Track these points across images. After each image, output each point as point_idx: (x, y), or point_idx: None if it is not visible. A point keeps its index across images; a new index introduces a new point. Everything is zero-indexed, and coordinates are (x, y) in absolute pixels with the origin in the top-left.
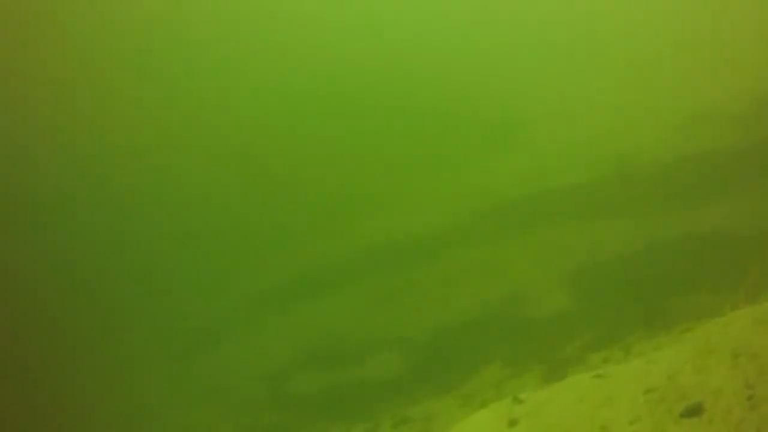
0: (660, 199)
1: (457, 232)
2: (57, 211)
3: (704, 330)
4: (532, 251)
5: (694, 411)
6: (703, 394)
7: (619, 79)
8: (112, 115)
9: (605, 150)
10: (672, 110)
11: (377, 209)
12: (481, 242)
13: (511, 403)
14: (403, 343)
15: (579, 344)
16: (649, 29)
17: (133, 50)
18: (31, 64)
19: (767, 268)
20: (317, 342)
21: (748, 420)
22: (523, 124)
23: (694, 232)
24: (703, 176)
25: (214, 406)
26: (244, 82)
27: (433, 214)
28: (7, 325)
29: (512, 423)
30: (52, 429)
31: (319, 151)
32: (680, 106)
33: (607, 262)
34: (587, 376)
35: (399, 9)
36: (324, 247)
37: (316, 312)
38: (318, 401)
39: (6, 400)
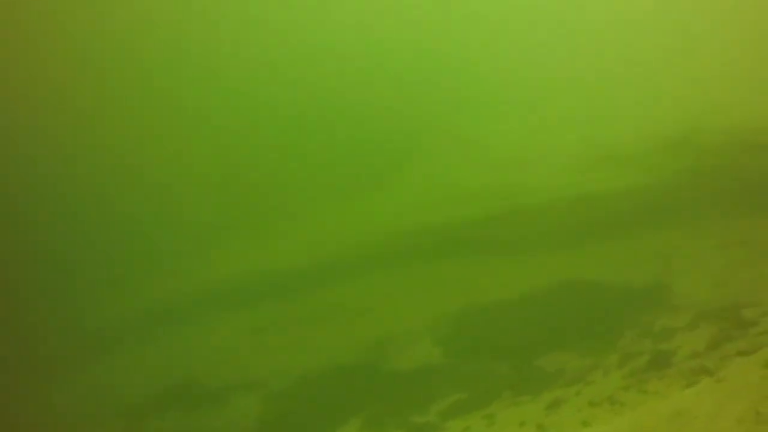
0: (544, 241)
1: (330, 269)
2: None
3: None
4: (406, 293)
5: None
6: None
7: (517, 115)
8: None
9: (498, 187)
10: (570, 149)
11: (249, 240)
12: (355, 279)
13: None
14: (262, 388)
15: (443, 406)
16: (552, 67)
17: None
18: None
19: (641, 329)
20: (177, 378)
21: None
22: (415, 154)
23: (573, 278)
24: (592, 219)
25: None
26: None
27: (306, 248)
28: None
29: None
30: None
31: (195, 179)
32: (579, 146)
33: (481, 309)
34: None
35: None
36: (188, 277)
37: (178, 345)
38: None
39: None
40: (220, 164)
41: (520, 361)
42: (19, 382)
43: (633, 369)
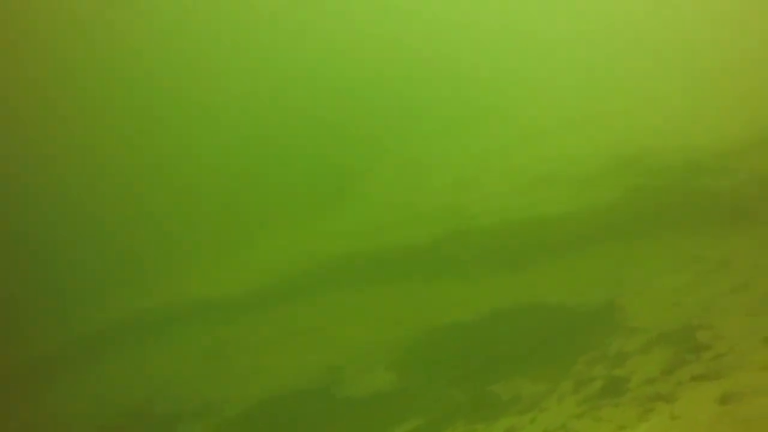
0: (496, 263)
1: (282, 291)
2: None
3: None
4: (358, 317)
5: None
6: None
7: (467, 134)
8: None
9: (448, 208)
10: (519, 169)
11: (199, 264)
12: (306, 303)
13: None
14: (215, 415)
15: None
16: (499, 87)
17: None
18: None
19: (594, 354)
20: (125, 406)
21: None
22: (364, 176)
23: (526, 301)
24: (542, 240)
25: None
26: None
27: (256, 271)
28: None
29: None
30: None
31: (141, 204)
32: (528, 166)
33: (434, 333)
34: None
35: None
36: (135, 301)
37: (126, 371)
38: None
39: None
40: (166, 186)
41: (474, 387)
42: None
43: (587, 395)
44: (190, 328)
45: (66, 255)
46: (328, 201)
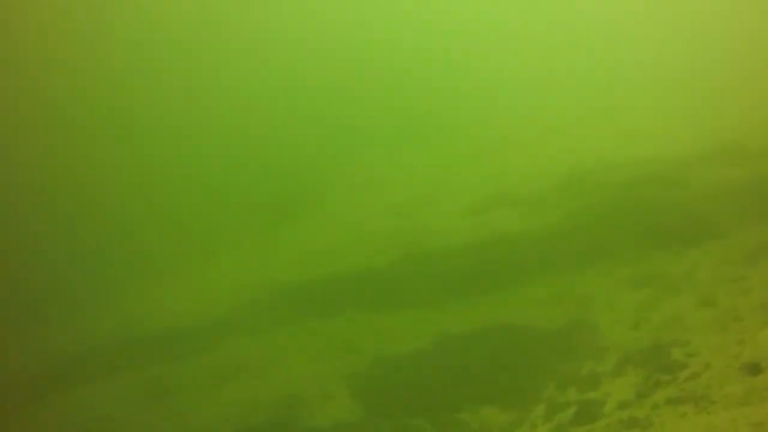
0: (453, 287)
1: (232, 322)
2: None
3: None
4: (313, 346)
5: None
6: None
7: (418, 152)
8: None
9: (401, 231)
10: (473, 189)
11: (142, 297)
12: (258, 333)
13: None
14: None
15: None
16: (450, 105)
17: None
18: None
19: (565, 377)
20: None
21: None
22: (314, 200)
23: (489, 325)
24: (502, 261)
25: None
26: None
27: (203, 303)
28: None
29: None
30: None
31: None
32: (483, 185)
33: (395, 361)
34: None
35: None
36: (79, 335)
37: (71, 412)
38: None
39: None
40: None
41: (441, 416)
42: None
43: (560, 423)
44: (137, 368)
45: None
46: (278, 225)
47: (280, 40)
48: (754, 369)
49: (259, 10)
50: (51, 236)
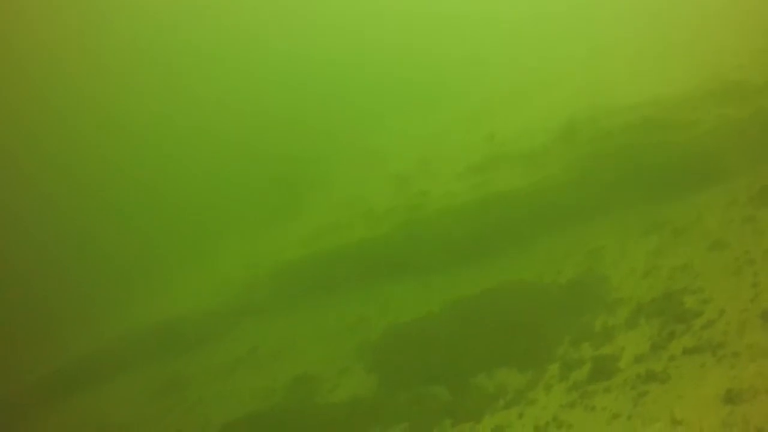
0: (458, 249)
1: (242, 306)
2: None
3: None
4: (322, 323)
5: None
6: None
7: (411, 119)
8: None
9: (404, 197)
10: (471, 149)
11: (145, 289)
12: (269, 315)
13: None
14: None
15: None
16: (443, 66)
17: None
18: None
19: (578, 333)
20: None
21: None
22: (307, 175)
23: (498, 285)
24: (506, 220)
25: None
26: None
27: (207, 290)
28: None
29: None
30: None
31: (89, 225)
32: (480, 144)
33: (406, 329)
34: None
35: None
36: (89, 335)
37: (82, 409)
38: None
39: None
40: (113, 199)
41: (456, 382)
42: None
43: (576, 381)
44: (145, 363)
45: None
46: (281, 205)
47: (272, 23)
48: None
49: None
50: (56, 235)
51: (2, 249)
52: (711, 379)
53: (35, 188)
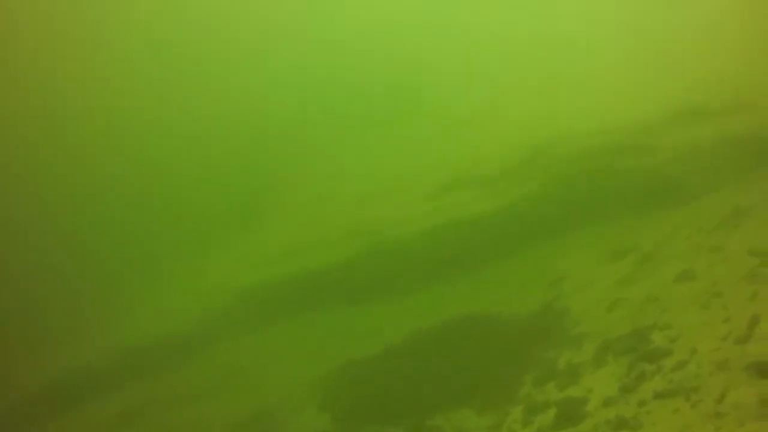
0: (421, 276)
1: (199, 333)
2: None
3: None
4: (278, 355)
5: None
6: None
7: (370, 144)
8: None
9: (361, 223)
10: (429, 174)
11: (112, 312)
12: (226, 343)
13: None
14: None
15: None
16: (401, 88)
17: None
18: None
19: (543, 371)
20: None
21: None
22: (268, 197)
23: (457, 317)
24: (465, 247)
25: None
26: None
27: (172, 311)
28: None
29: None
30: None
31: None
32: (438, 169)
33: (362, 364)
34: None
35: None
36: (40, 370)
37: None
38: None
39: None
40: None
41: (412, 424)
42: None
43: (541, 426)
44: (104, 391)
45: None
46: (242, 228)
47: (232, 39)
48: (762, 371)
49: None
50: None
51: None
52: (687, 428)
53: None
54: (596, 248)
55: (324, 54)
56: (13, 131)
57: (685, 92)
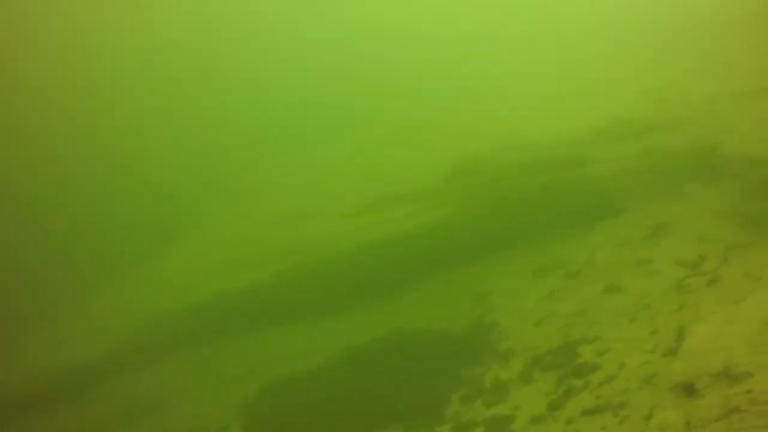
0: (346, 295)
1: (119, 358)
2: None
3: None
4: (198, 378)
5: None
6: None
7: (293, 162)
8: None
9: (285, 242)
10: (352, 192)
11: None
12: (143, 369)
13: None
14: None
15: None
16: (324, 109)
17: None
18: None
19: (470, 388)
20: None
21: None
22: (189, 216)
23: (383, 336)
24: (391, 265)
25: None
26: None
27: (90, 335)
28: None
29: None
30: None
31: None
32: (361, 186)
33: (285, 385)
34: None
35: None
36: None
37: None
38: None
39: None
40: None
41: None
42: None
43: None
44: (21, 416)
45: None
46: (160, 248)
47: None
48: (688, 390)
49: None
50: None
51: None
52: None
53: None
54: (524, 263)
55: (244, 74)
56: None
57: (614, 106)
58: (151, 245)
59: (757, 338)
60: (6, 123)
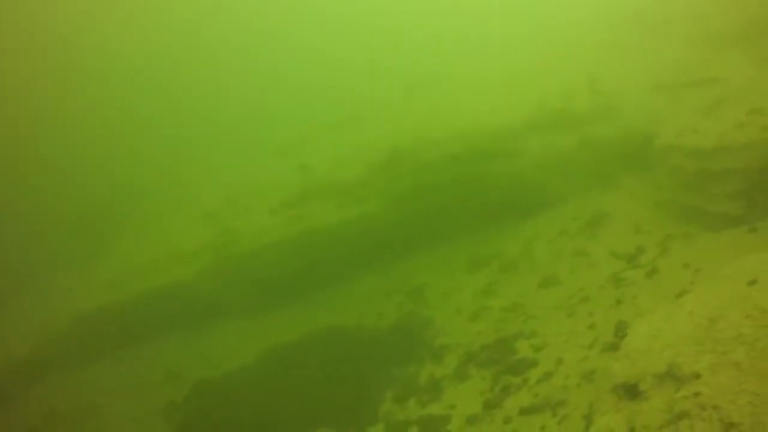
0: (272, 291)
1: (45, 361)
2: None
3: None
4: (128, 379)
5: None
6: None
7: (217, 157)
8: None
9: (210, 237)
10: (279, 184)
11: None
12: (66, 374)
13: None
14: None
15: None
16: (251, 95)
17: None
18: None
19: (403, 386)
20: None
21: None
22: (112, 217)
23: (314, 333)
24: (311, 262)
25: None
26: None
27: (17, 338)
28: None
29: None
30: None
31: None
32: (286, 181)
33: (215, 384)
34: None
35: None
36: None
37: None
38: None
39: None
40: None
41: None
42: None
43: None
44: None
45: None
46: (86, 248)
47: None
48: (631, 391)
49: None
50: None
51: None
52: None
53: None
54: (457, 257)
55: (174, 65)
56: None
57: (549, 97)
58: (83, 246)
59: (703, 335)
60: None
